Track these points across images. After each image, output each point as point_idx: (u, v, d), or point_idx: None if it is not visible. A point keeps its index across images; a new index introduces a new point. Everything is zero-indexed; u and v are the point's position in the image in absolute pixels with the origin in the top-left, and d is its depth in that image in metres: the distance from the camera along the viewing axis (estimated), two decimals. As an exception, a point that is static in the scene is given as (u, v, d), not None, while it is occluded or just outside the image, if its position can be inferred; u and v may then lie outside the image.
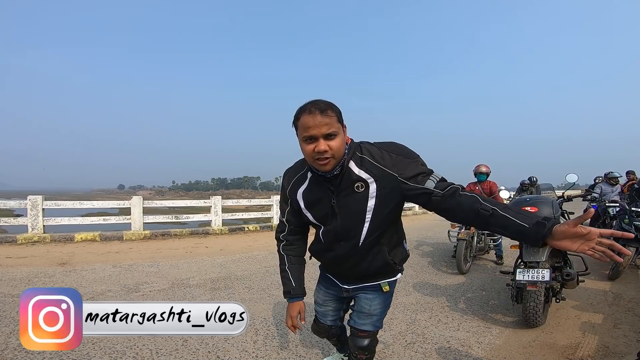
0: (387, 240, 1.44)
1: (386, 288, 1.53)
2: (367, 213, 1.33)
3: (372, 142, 1.39)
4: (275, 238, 1.63)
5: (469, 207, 1.18)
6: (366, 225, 1.35)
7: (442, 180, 1.26)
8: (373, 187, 1.30)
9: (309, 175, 1.40)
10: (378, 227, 1.37)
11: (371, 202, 1.31)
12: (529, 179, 8.24)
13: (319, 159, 1.24)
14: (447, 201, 1.22)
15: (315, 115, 1.20)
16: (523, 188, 8.04)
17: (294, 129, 1.29)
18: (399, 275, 1.56)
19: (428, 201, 1.26)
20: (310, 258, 1.66)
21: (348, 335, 1.71)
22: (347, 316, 1.76)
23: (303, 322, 1.56)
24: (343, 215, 1.36)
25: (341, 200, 1.34)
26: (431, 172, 1.29)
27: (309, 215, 1.45)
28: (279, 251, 1.61)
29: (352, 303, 1.67)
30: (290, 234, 1.58)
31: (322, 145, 1.21)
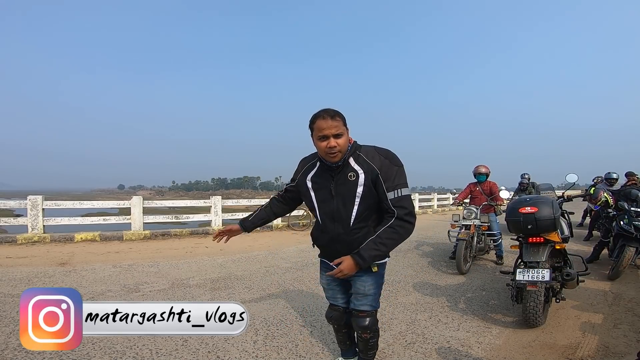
0: (374, 223, 1.72)
1: (375, 269, 1.74)
2: (357, 197, 1.67)
3: (372, 145, 1.75)
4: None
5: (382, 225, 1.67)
6: (355, 207, 1.68)
7: (402, 198, 1.64)
8: (362, 178, 1.66)
9: (318, 164, 1.77)
10: (365, 210, 1.68)
11: (360, 189, 1.66)
12: (521, 176, 8.24)
13: (330, 153, 1.62)
14: (385, 214, 1.67)
15: (327, 120, 1.59)
16: (522, 188, 8.03)
17: (309, 130, 1.67)
18: (387, 259, 1.80)
19: (380, 203, 1.67)
20: (314, 246, 1.92)
21: (351, 319, 1.89)
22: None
23: (225, 241, 2.04)
24: (338, 198, 1.69)
25: (338, 187, 1.69)
26: (404, 185, 1.66)
27: (313, 195, 1.77)
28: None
29: (350, 291, 1.86)
30: (281, 198, 2.03)
31: (332, 142, 1.60)
